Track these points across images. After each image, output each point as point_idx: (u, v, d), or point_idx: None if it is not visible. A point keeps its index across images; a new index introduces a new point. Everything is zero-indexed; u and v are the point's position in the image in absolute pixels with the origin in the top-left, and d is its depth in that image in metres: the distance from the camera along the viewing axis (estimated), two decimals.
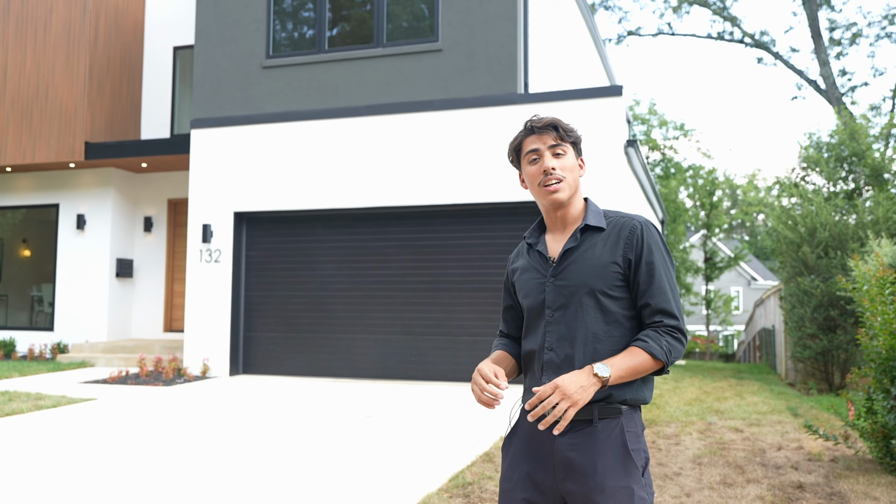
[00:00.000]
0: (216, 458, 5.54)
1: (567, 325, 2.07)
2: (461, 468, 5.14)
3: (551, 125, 2.14)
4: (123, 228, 13.18)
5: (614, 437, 2.01)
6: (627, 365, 1.97)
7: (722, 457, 5.51)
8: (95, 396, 8.46)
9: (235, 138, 10.72)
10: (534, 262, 2.19)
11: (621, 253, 2.08)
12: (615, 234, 2.11)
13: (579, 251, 2.11)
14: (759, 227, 62.95)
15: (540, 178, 2.13)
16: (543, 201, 2.17)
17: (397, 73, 10.14)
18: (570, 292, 2.08)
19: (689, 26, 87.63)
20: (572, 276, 2.09)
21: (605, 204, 8.92)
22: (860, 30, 24.43)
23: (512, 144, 2.22)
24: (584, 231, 2.14)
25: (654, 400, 8.33)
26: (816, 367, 11.13)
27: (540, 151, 2.14)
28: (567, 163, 2.13)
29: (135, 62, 13.62)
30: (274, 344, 10.52)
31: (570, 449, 2.01)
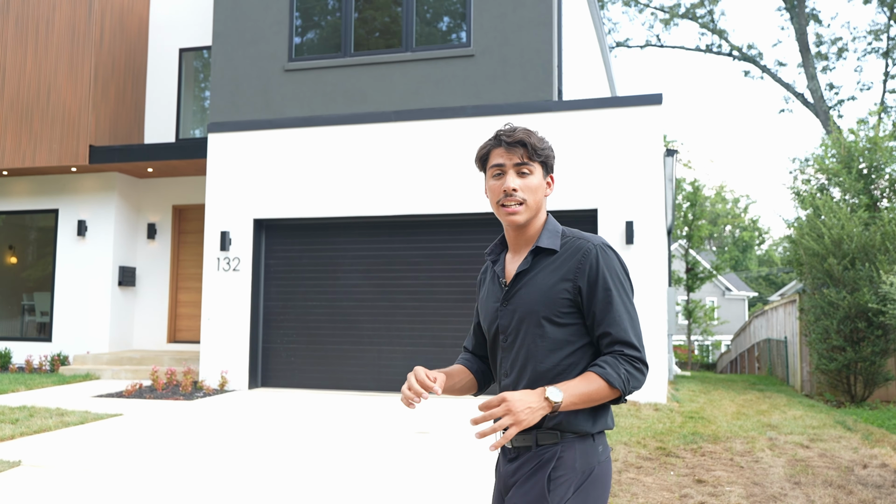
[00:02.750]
0: (272, 477, 5.23)
1: (518, 352, 1.99)
2: None
3: (521, 142, 2.00)
4: (126, 235, 12.72)
5: (542, 465, 1.92)
6: (582, 391, 1.85)
7: (813, 476, 5.34)
8: (120, 412, 8.05)
9: (255, 143, 10.37)
10: (492, 284, 2.12)
11: (571, 277, 1.97)
12: (568, 258, 2.00)
13: (530, 275, 2.01)
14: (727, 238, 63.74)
15: (500, 197, 2.02)
16: (502, 220, 2.06)
17: (426, 78, 9.91)
18: (520, 318, 2.00)
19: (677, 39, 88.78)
20: (521, 301, 2.00)
21: (643, 215, 8.78)
22: (845, 44, 24.80)
23: (479, 152, 2.10)
24: (536, 253, 2.03)
25: (700, 413, 8.18)
26: (839, 379, 11.09)
27: (504, 168, 2.01)
28: (531, 183, 2.01)
29: (139, 64, 13.19)
30: (295, 356, 10.17)
31: (510, 476, 1.96)
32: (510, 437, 1.79)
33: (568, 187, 9.17)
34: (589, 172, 9.15)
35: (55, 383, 10.39)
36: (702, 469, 5.52)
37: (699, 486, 4.99)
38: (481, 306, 2.16)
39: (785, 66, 32.58)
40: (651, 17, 27.61)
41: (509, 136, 2.01)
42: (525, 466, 1.94)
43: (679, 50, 27.47)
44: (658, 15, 27.75)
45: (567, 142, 9.25)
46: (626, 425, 7.18)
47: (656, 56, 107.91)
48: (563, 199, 9.17)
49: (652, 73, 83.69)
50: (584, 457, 1.94)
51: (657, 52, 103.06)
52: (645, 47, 28.05)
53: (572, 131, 9.26)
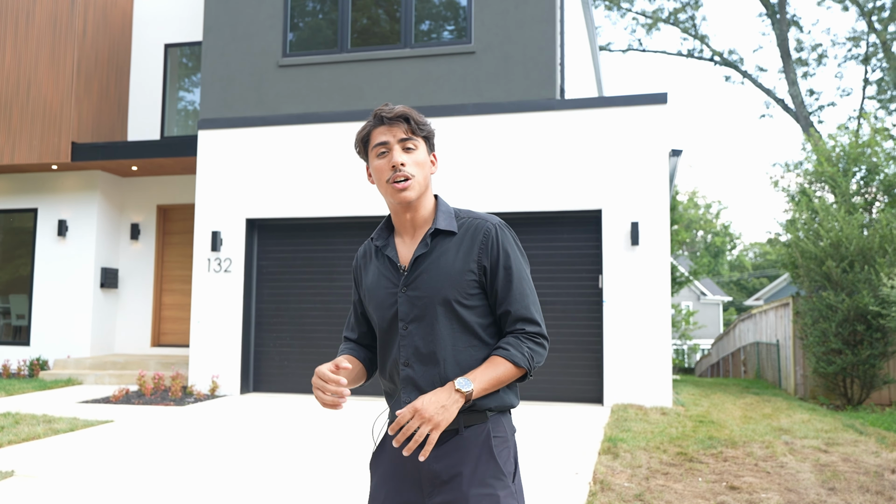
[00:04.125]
0: (274, 486, 4.97)
1: (423, 339, 1.94)
2: (583, 502, 4.69)
3: (402, 116, 1.97)
4: (108, 236, 12.31)
5: (481, 443, 1.91)
6: (490, 376, 1.88)
7: (845, 481, 5.19)
8: (110, 418, 7.70)
9: (248, 140, 10.07)
10: (384, 270, 2.04)
11: (475, 258, 1.95)
12: (469, 239, 1.98)
13: (431, 258, 1.97)
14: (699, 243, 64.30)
15: (388, 175, 1.96)
16: (391, 199, 2.00)
17: (426, 75, 9.68)
18: (424, 303, 1.94)
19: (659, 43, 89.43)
20: (425, 285, 1.95)
21: (649, 216, 8.65)
22: (825, 51, 25.03)
23: (359, 135, 2.03)
24: (435, 235, 1.99)
25: (708, 417, 8.03)
26: (836, 382, 11.05)
27: (389, 145, 1.97)
28: (418, 158, 1.98)
29: (122, 59, 12.80)
30: (288, 360, 9.87)
31: (435, 461, 1.89)
32: (433, 441, 1.78)
33: (571, 187, 9.00)
34: (593, 172, 8.99)
35: (36, 389, 9.98)
36: (730, 475, 5.36)
37: (734, 493, 4.82)
38: (370, 294, 2.05)
39: (766, 72, 32.89)
40: (633, 22, 27.66)
41: (390, 113, 1.97)
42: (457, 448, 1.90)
43: (661, 54, 27.57)
44: (640, 20, 27.81)
45: (570, 141, 9.08)
46: (640, 430, 7.01)
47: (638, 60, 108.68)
48: (566, 200, 9.00)
49: (634, 78, 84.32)
50: (510, 428, 1.99)
51: (639, 57, 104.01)
52: (627, 51, 28.10)
53: (576, 130, 9.09)
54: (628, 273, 8.77)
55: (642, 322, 8.69)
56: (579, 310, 8.91)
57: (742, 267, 63.09)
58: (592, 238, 9.04)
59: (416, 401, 1.82)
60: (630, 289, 8.75)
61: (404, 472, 1.95)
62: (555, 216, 9.16)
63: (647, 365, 8.63)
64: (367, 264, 2.11)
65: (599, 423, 7.56)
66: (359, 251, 2.18)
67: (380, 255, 2.07)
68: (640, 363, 8.64)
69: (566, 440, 6.66)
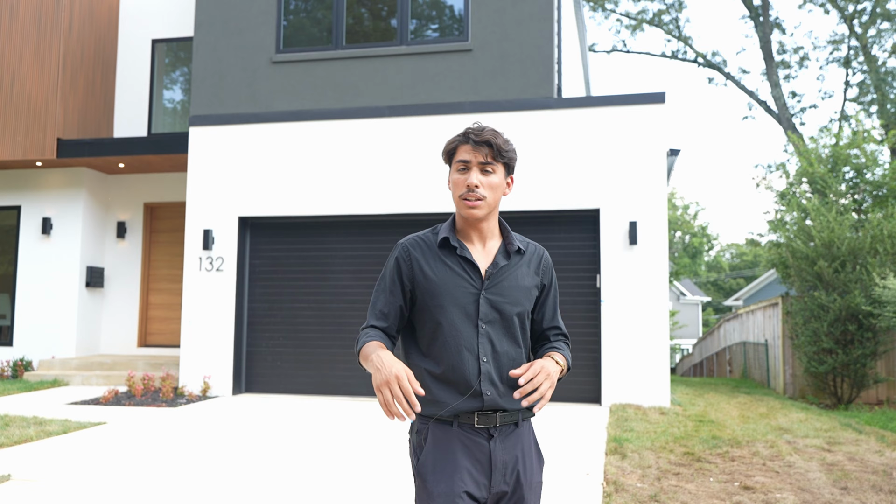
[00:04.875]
0: (275, 489, 4.86)
1: (497, 338, 2.13)
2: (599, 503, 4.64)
3: (487, 142, 2.12)
4: (94, 234, 12.09)
5: (531, 438, 2.21)
6: (563, 362, 2.17)
7: (856, 480, 5.19)
8: (102, 420, 7.53)
9: (240, 137, 9.92)
10: (459, 269, 2.17)
11: (539, 278, 2.24)
12: (535, 260, 2.26)
13: (510, 271, 2.19)
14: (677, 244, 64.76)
15: (462, 191, 2.14)
16: (461, 212, 2.19)
17: (422, 72, 9.60)
18: (503, 308, 2.14)
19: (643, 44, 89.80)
20: (507, 293, 2.16)
21: (647, 215, 8.66)
22: (807, 53, 25.26)
23: (447, 147, 2.21)
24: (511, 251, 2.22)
25: (706, 417, 8.03)
26: (826, 381, 11.11)
27: (469, 164, 2.14)
28: (493, 181, 2.15)
29: (109, 54, 12.58)
30: (281, 360, 9.73)
31: (504, 452, 2.11)
32: (549, 398, 2.01)
33: (569, 187, 8.96)
34: (590, 172, 8.96)
35: (21, 390, 9.76)
36: (740, 475, 5.33)
37: (749, 494, 4.79)
38: (441, 288, 2.15)
39: (749, 74, 33.16)
40: (618, 23, 27.75)
41: (477, 135, 2.13)
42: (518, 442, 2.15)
43: (645, 55, 27.67)
44: (624, 21, 27.91)
45: (568, 140, 9.04)
46: (642, 430, 6.98)
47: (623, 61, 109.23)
48: (564, 199, 8.96)
49: (618, 79, 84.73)
50: None
51: (624, 58, 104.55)
52: (611, 52, 28.18)
53: (573, 130, 9.05)
54: (626, 273, 8.74)
55: (640, 322, 8.67)
56: (577, 309, 8.87)
57: (719, 267, 63.66)
58: (590, 238, 9.01)
59: (540, 361, 2.05)
60: (628, 289, 8.72)
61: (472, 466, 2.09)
62: (553, 215, 9.11)
63: (646, 365, 8.61)
64: (428, 259, 2.20)
65: (601, 423, 7.52)
66: (410, 243, 2.24)
67: (451, 253, 2.19)
68: (639, 363, 8.62)
69: (570, 440, 6.61)
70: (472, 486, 2.06)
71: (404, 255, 2.23)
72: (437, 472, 2.08)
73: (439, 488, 2.05)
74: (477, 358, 2.10)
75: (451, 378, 2.11)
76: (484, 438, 2.09)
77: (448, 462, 2.08)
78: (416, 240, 2.26)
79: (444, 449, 2.09)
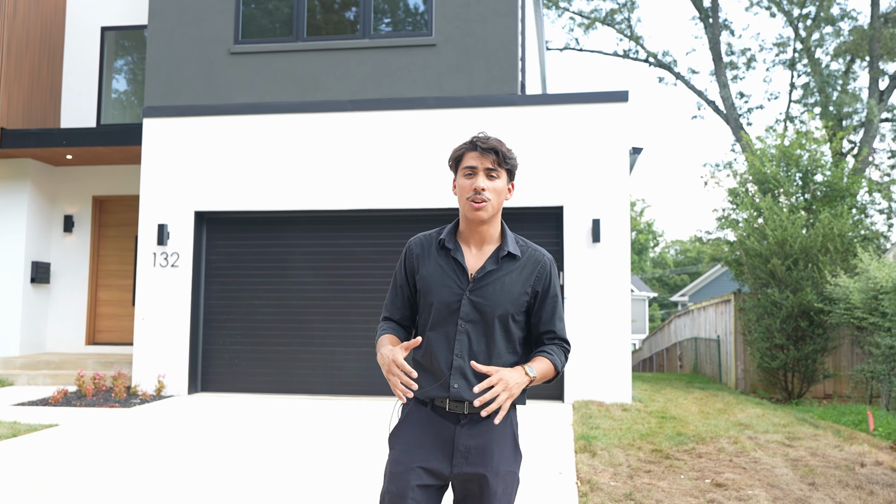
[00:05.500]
0: (241, 490, 4.74)
1: (476, 338, 2.28)
2: (576, 502, 4.62)
3: (493, 149, 2.29)
4: (40, 228, 11.65)
5: (506, 429, 2.30)
6: (543, 370, 2.29)
7: (822, 476, 5.29)
8: (54, 422, 7.25)
9: (197, 130, 9.65)
10: (449, 270, 2.34)
11: (531, 284, 2.34)
12: (530, 266, 2.36)
13: (498, 275, 2.32)
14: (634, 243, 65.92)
15: (469, 194, 2.29)
16: (467, 215, 2.33)
17: (385, 67, 9.48)
18: (485, 311, 2.28)
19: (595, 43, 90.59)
20: (490, 297, 2.29)
21: (610, 213, 8.71)
22: (753, 55, 25.83)
23: (454, 153, 2.36)
24: (504, 257, 2.34)
25: (667, 413, 8.12)
26: (777, 376, 11.37)
27: (476, 169, 2.30)
28: (497, 185, 2.31)
29: (55, 42, 12.12)
30: (239, 359, 9.52)
31: (469, 438, 2.26)
32: (507, 408, 2.14)
33: (533, 184, 8.96)
34: (554, 169, 8.97)
35: None
36: (710, 472, 5.39)
37: (721, 491, 4.84)
38: (433, 284, 2.33)
39: (698, 74, 33.76)
40: (571, 21, 27.94)
41: (484, 143, 2.29)
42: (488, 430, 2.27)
43: (597, 54, 27.93)
44: (577, 20, 28.13)
45: (532, 137, 9.03)
46: (608, 427, 7.02)
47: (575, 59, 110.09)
48: (527, 196, 8.95)
49: (571, 77, 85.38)
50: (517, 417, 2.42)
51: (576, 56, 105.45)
52: (564, 50, 28.37)
53: (537, 127, 9.05)
54: (589, 270, 8.78)
55: (603, 319, 8.72)
56: None
57: (664, 264, 64.89)
58: (553, 235, 9.03)
59: (501, 372, 2.16)
60: (591, 286, 8.77)
61: (433, 444, 2.27)
62: (516, 212, 9.09)
63: (608, 362, 8.67)
64: (427, 257, 2.39)
65: (566, 420, 7.54)
66: (414, 242, 2.44)
67: (446, 255, 2.36)
68: (601, 360, 8.68)
69: (538, 438, 6.60)
70: (433, 460, 2.26)
71: (409, 252, 2.44)
72: (403, 442, 2.31)
73: (401, 456, 2.29)
74: (452, 352, 2.28)
75: (428, 366, 2.32)
76: (452, 423, 2.27)
77: (413, 437, 2.30)
78: (421, 238, 2.45)
79: (413, 425, 2.32)
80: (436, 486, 2.30)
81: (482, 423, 2.27)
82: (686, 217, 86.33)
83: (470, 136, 2.35)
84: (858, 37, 22.78)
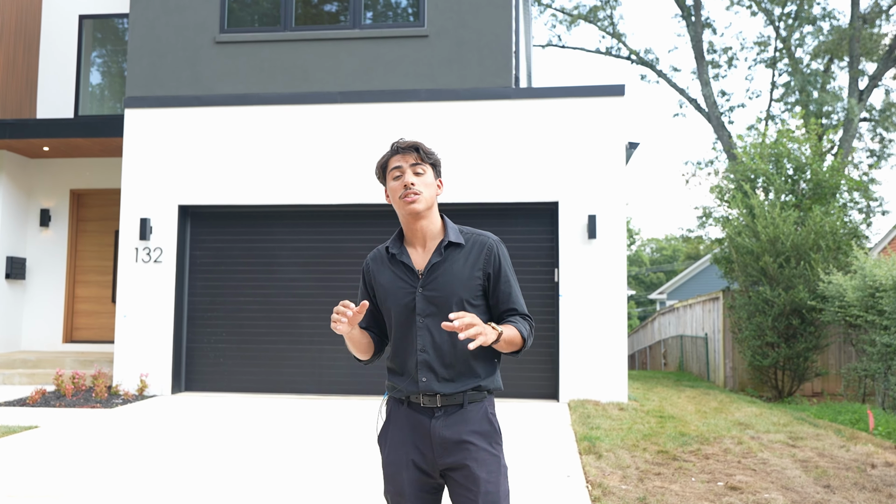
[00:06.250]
0: (236, 493, 4.51)
1: (435, 330, 2.34)
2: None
3: (413, 147, 2.40)
4: (15, 222, 11.26)
5: (480, 416, 2.36)
6: (510, 334, 2.31)
7: (837, 478, 5.16)
8: (34, 424, 6.95)
9: (181, 121, 9.35)
10: (400, 273, 2.43)
11: (481, 267, 2.41)
12: (476, 251, 2.42)
13: (445, 265, 2.39)
14: None
15: (401, 192, 2.38)
16: (403, 212, 2.41)
17: (376, 58, 9.24)
18: (440, 301, 2.35)
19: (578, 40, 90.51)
20: (441, 287, 2.36)
21: (606, 209, 8.57)
22: (735, 53, 25.88)
23: (379, 163, 2.47)
24: (447, 247, 2.42)
25: (664, 412, 7.99)
26: (767, 375, 11.31)
27: (402, 168, 2.40)
28: (426, 180, 2.41)
29: (31, 29, 11.73)
30: (224, 357, 9.24)
31: (444, 429, 2.32)
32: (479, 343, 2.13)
33: (527, 179, 8.78)
34: (549, 164, 8.80)
35: None
36: (721, 474, 5.24)
37: (737, 494, 4.69)
38: (388, 293, 2.42)
39: (680, 72, 33.83)
40: (553, 18, 27.82)
41: (403, 144, 2.41)
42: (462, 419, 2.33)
43: (580, 51, 27.85)
44: (559, 16, 28.01)
45: (526, 131, 8.86)
46: (609, 427, 6.86)
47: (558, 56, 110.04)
48: (521, 192, 8.78)
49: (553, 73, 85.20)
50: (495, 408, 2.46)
51: (559, 52, 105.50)
52: (546, 47, 28.24)
53: (532, 120, 8.87)
54: (585, 267, 8.63)
55: (599, 317, 8.57)
56: (535, 304, 8.70)
57: (640, 262, 65.15)
58: (548, 231, 8.86)
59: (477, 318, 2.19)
60: (587, 283, 8.61)
61: (415, 439, 2.35)
62: (510, 208, 8.92)
63: (604, 360, 8.52)
64: (380, 269, 2.48)
65: (563, 420, 7.37)
66: (369, 257, 2.54)
67: (395, 260, 2.45)
68: (597, 358, 8.53)
69: (538, 439, 6.43)
70: (418, 456, 2.33)
71: (366, 268, 2.54)
72: (390, 443, 2.41)
73: (391, 457, 2.39)
74: (416, 350, 2.36)
75: (398, 369, 2.42)
76: (427, 417, 2.34)
77: (397, 435, 2.39)
78: (374, 252, 2.55)
79: (395, 424, 2.41)
80: (431, 483, 2.38)
81: (456, 413, 2.34)
82: (661, 215, 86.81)
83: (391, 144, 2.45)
84: (838, 36, 22.90)
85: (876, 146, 24.77)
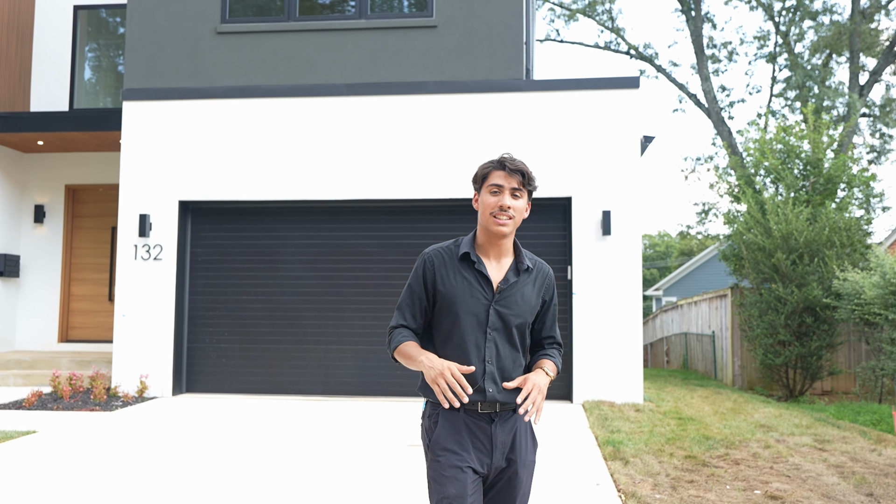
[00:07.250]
0: None
1: (501, 345, 2.45)
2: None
3: (520, 171, 2.44)
4: (8, 218, 10.95)
5: (527, 423, 2.51)
6: (552, 371, 2.49)
7: (879, 486, 4.94)
8: (32, 428, 6.67)
9: (181, 114, 9.07)
10: (474, 282, 2.47)
11: (541, 295, 2.55)
12: (540, 278, 2.56)
13: (518, 286, 2.49)
14: None
15: (494, 210, 2.43)
16: (490, 229, 2.46)
17: (383, 49, 8.97)
18: (508, 319, 2.45)
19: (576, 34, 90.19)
20: (513, 306, 2.46)
21: (621, 204, 8.38)
22: (735, 48, 25.69)
23: (481, 170, 2.50)
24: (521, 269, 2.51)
25: (682, 413, 7.76)
26: (779, 373, 11.11)
27: (502, 188, 2.44)
28: (519, 205, 2.46)
29: (24, 20, 11.40)
30: (227, 357, 8.97)
31: (503, 433, 2.44)
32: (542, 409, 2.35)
33: (540, 173, 8.51)
34: (562, 158, 8.56)
35: None
36: (755, 481, 5.02)
37: (776, 503, 4.46)
38: (457, 296, 2.44)
39: (679, 67, 33.62)
40: (551, 13, 27.57)
41: (512, 164, 2.44)
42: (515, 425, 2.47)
43: (578, 46, 27.60)
44: (557, 10, 27.76)
45: (538, 125, 8.61)
46: (629, 430, 6.63)
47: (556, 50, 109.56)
48: None
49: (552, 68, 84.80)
50: None
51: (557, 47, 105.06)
52: (545, 41, 27.98)
53: (544, 113, 8.63)
54: (599, 264, 8.39)
55: (613, 315, 8.34)
56: None
57: None
58: (561, 227, 8.62)
59: (529, 378, 2.36)
60: (601, 281, 8.38)
61: (476, 444, 2.41)
62: None
63: (619, 360, 8.29)
64: (449, 270, 2.49)
65: (581, 422, 7.14)
66: (433, 254, 2.53)
67: (468, 266, 2.48)
68: (611, 358, 8.30)
69: (559, 442, 6.19)
70: (476, 462, 2.40)
71: (428, 265, 2.51)
72: (448, 448, 2.41)
73: (449, 461, 2.38)
74: (483, 360, 2.43)
75: None
76: (487, 422, 2.42)
77: (456, 440, 2.41)
78: (439, 251, 2.53)
79: (453, 430, 2.42)
80: (482, 485, 2.46)
81: (510, 419, 2.46)
82: (655, 211, 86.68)
83: (498, 156, 2.50)
84: (837, 31, 22.72)
85: (876, 142, 24.65)
